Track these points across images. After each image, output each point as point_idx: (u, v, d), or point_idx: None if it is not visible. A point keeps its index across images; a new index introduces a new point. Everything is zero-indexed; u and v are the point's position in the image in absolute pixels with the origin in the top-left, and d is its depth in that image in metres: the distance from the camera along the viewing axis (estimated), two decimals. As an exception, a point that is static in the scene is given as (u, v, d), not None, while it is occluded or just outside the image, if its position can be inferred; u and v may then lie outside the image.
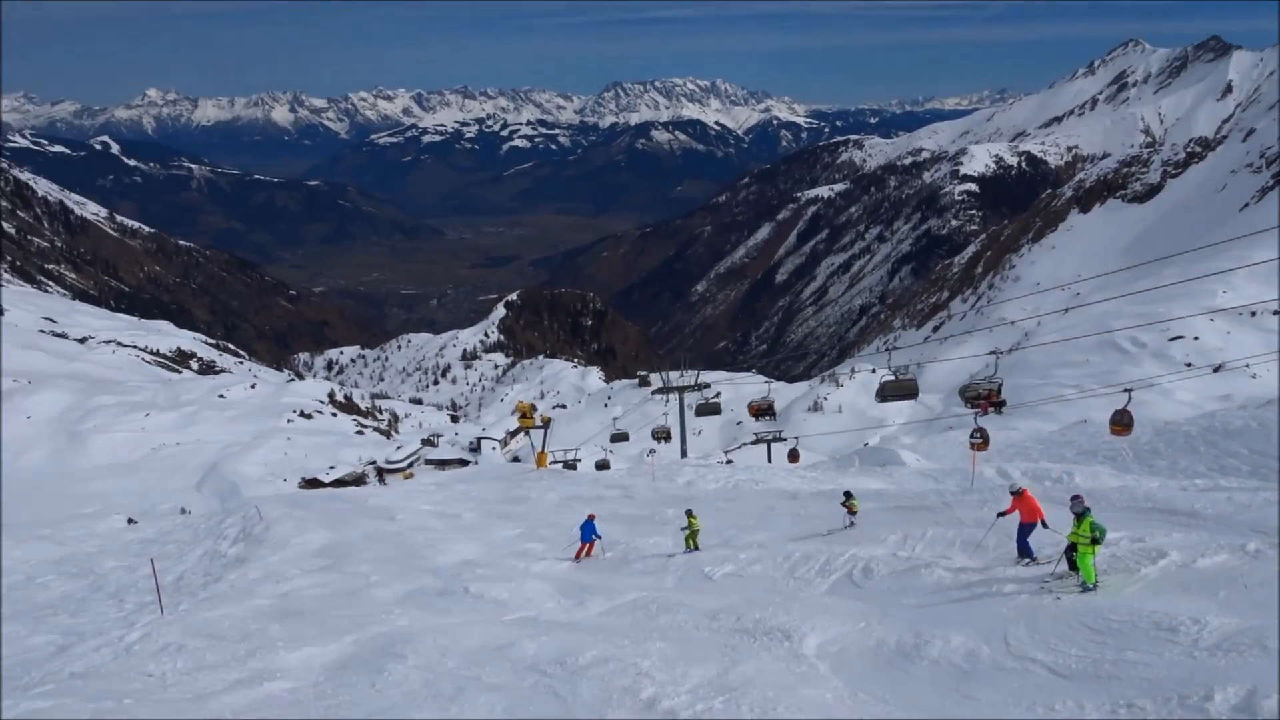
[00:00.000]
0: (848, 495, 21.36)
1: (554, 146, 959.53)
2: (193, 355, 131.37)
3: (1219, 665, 9.50)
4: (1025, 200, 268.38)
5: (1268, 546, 13.50)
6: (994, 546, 16.51)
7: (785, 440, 52.98)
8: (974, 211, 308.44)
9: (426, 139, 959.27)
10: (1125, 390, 26.41)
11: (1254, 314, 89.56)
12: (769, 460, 51.99)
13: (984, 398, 32.20)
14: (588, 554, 22.06)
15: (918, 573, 15.63)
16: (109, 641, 15.47)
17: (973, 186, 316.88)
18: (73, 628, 17.94)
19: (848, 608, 14.38)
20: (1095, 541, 12.75)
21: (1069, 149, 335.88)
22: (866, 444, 70.42)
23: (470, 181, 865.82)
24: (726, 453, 73.40)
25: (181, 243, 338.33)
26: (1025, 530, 15.23)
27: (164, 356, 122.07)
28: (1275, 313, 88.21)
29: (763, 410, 43.93)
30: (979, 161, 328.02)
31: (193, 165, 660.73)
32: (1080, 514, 12.90)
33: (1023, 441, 39.83)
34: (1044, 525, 14.96)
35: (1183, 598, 11.87)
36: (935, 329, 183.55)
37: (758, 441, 64.27)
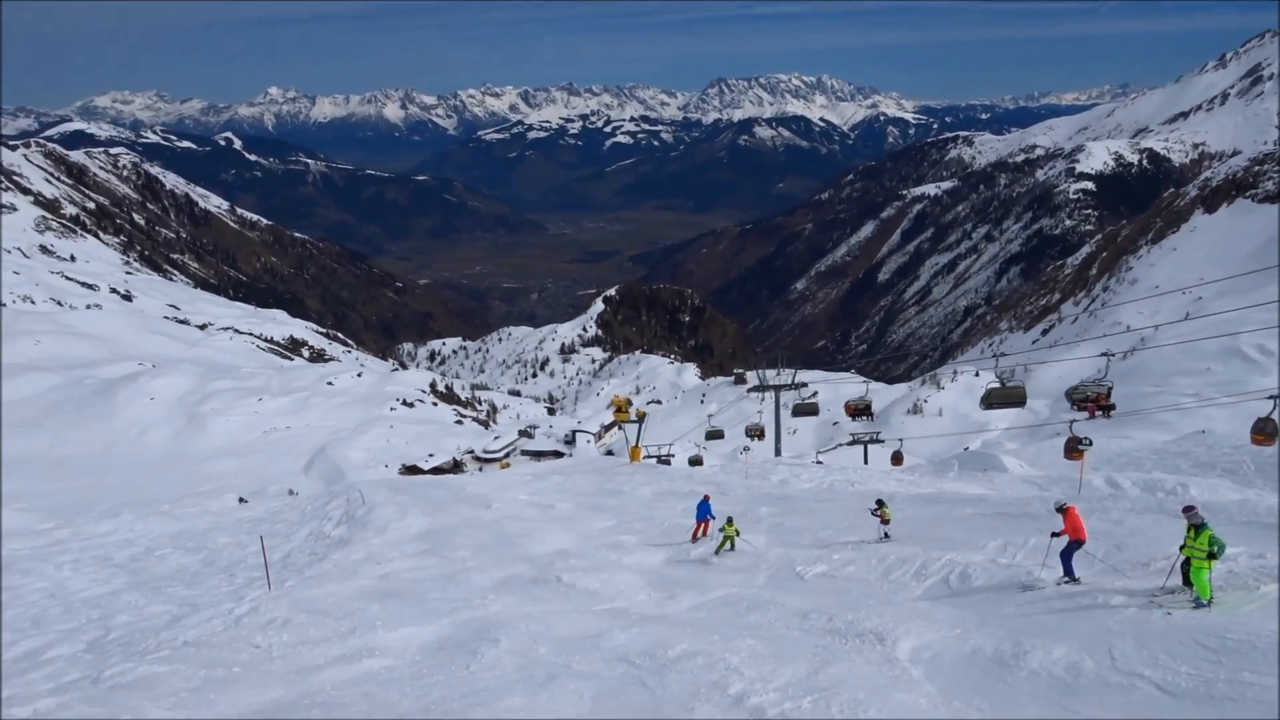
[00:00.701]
0: (879, 503, 20.66)
1: (656, 143, 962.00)
2: (304, 343, 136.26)
3: (1344, 691, 8.97)
4: (1146, 200, 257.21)
5: (1403, 569, 12.68)
6: (1101, 556, 15.92)
7: (882, 442, 52.09)
8: (1090, 211, 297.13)
9: (532, 135, 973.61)
10: (1271, 398, 25.11)
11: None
12: (865, 462, 51.12)
13: (1092, 400, 30.99)
14: (704, 533, 22.33)
15: (1018, 581, 15.18)
16: (220, 613, 16.18)
17: (1089, 185, 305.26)
18: (187, 599, 18.81)
19: (944, 614, 14.06)
20: (1212, 556, 12.16)
21: (1195, 146, 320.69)
22: (967, 448, 68.66)
23: (573, 177, 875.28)
24: (819, 453, 72.41)
25: (296, 235, 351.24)
26: (1072, 548, 14.80)
27: (277, 344, 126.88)
28: None
29: (860, 410, 43.19)
30: (1097, 159, 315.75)
31: (309, 160, 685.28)
32: (1199, 526, 12.32)
33: (1135, 451, 38.26)
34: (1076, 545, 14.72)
35: (1306, 619, 11.23)
36: (1044, 332, 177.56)
37: (854, 443, 63.28)
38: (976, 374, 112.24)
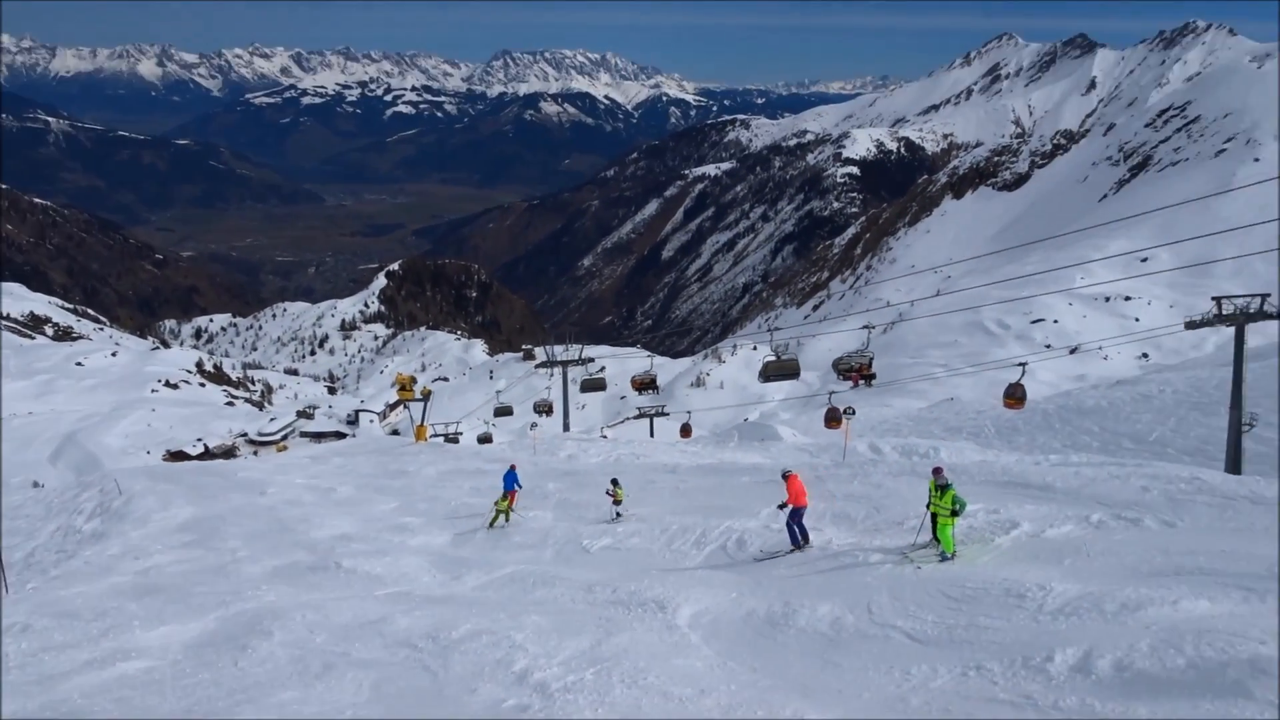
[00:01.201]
0: (613, 483, 21.22)
1: (440, 114, 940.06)
2: (47, 320, 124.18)
3: (1060, 629, 10.10)
4: (904, 185, 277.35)
5: (1110, 518, 14.44)
6: (862, 518, 17.11)
7: (668, 415, 53.60)
8: (855, 194, 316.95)
9: (306, 100, 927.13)
10: (1020, 364, 27.73)
11: (1108, 299, 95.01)
12: (651, 435, 52.47)
13: (855, 370, 33.26)
14: (511, 504, 22.18)
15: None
16: (-53, 622, 14.54)
17: (854, 169, 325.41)
18: (-93, 609, 16.80)
19: (721, 579, 14.68)
20: (955, 513, 13.34)
21: (945, 136, 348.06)
22: (746, 419, 71.88)
23: (352, 147, 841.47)
24: (604, 429, 73.72)
25: (37, 200, 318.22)
26: (796, 515, 15.57)
27: (15, 321, 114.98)
28: (1126, 298, 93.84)
29: (646, 385, 44.29)
30: (860, 145, 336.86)
31: (50, 118, 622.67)
32: (944, 486, 13.46)
33: (895, 418, 41.31)
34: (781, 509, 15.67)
35: (1032, 566, 12.57)
36: (815, 308, 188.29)
37: (640, 416, 64.80)
38: (754, 348, 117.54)
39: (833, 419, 33.48)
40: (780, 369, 34.11)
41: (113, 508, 26.65)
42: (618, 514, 20.64)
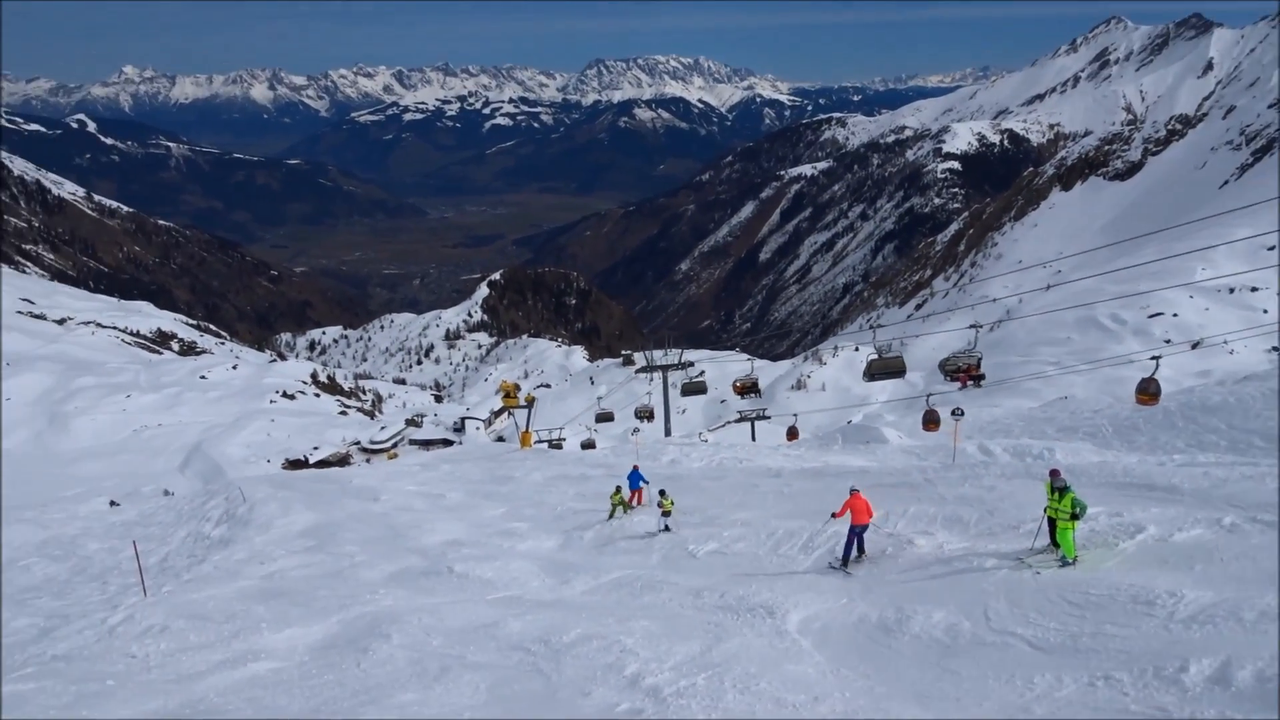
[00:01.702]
0: (661, 493, 20.97)
1: (536, 125, 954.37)
2: (173, 336, 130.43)
3: (1194, 637, 9.66)
4: (1008, 178, 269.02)
5: (1244, 520, 13.69)
6: (975, 522, 16.68)
7: (769, 419, 53.21)
8: (957, 189, 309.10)
9: (408, 117, 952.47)
10: (1153, 358, 26.64)
11: (1232, 290, 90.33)
12: (753, 438, 52.15)
13: (963, 370, 32.37)
14: (638, 501, 23.29)
15: (900, 549, 15.78)
16: (92, 624, 15.43)
17: (955, 164, 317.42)
18: (56, 610, 17.88)
19: (830, 584, 14.51)
20: (1075, 517, 12.89)
21: (1051, 127, 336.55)
22: (850, 422, 70.75)
23: (452, 160, 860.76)
24: (705, 433, 73.59)
25: (161, 222, 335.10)
26: (851, 533, 15.40)
27: (144, 338, 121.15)
28: (1253, 289, 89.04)
29: (747, 388, 44.04)
30: (961, 139, 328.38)
31: (171, 144, 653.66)
32: (1062, 489, 13.02)
33: (1005, 419, 40.08)
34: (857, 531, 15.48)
35: (1160, 572, 12.05)
36: (918, 307, 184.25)
37: (741, 420, 64.46)
38: (856, 349, 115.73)
39: (931, 421, 32.62)
40: (885, 366, 33.44)
41: (238, 514, 27.84)
42: (666, 526, 20.42)
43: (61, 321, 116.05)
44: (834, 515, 15.67)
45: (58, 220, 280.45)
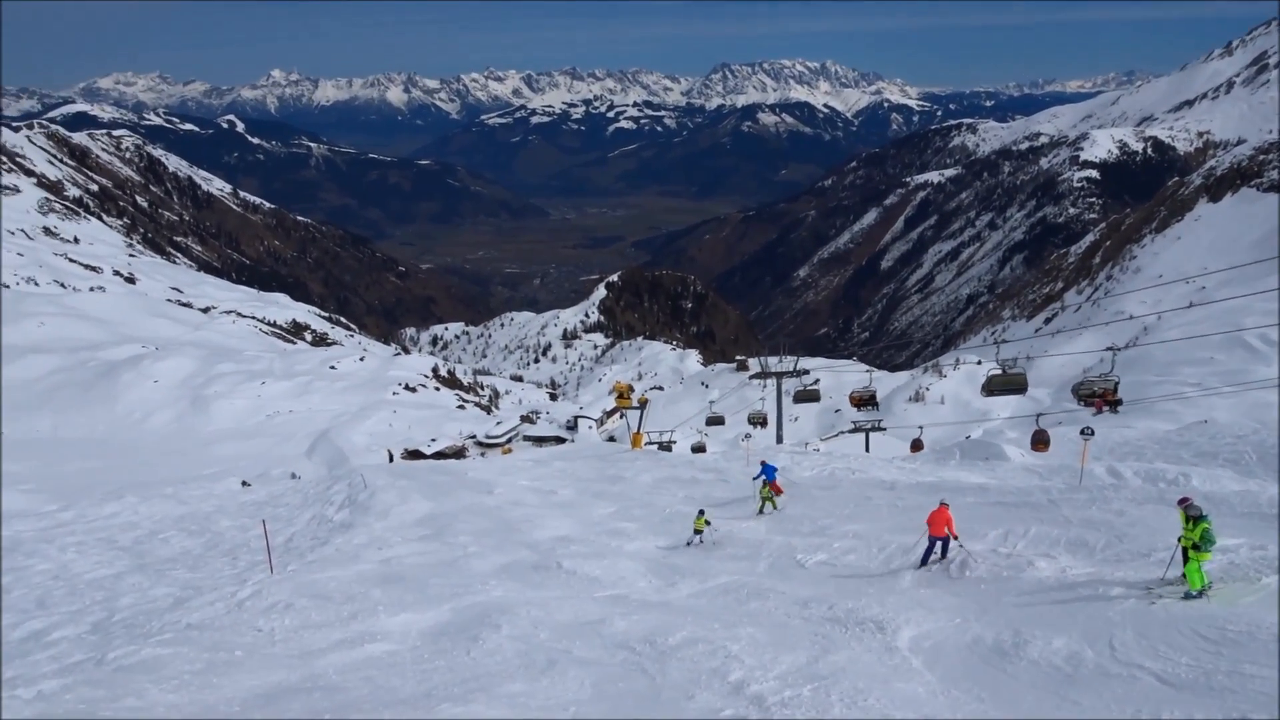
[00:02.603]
0: (700, 513, 20.92)
1: (659, 128, 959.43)
2: (306, 327, 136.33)
3: (1343, 683, 9.00)
4: (1150, 188, 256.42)
5: (1404, 561, 12.69)
6: (1101, 547, 15.94)
7: (884, 430, 52.09)
8: (1094, 199, 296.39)
9: (535, 120, 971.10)
10: None
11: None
12: (867, 449, 51.14)
13: (1099, 395, 30.99)
14: (778, 492, 24.03)
15: (1019, 571, 15.21)
16: (223, 596, 16.25)
17: (1093, 173, 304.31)
18: (190, 582, 18.89)
19: (944, 603, 14.10)
20: (1196, 548, 12.20)
21: (1200, 135, 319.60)
22: (969, 437, 68.67)
23: (576, 162, 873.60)
24: (818, 442, 72.44)
25: (299, 218, 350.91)
26: (932, 541, 16.27)
27: (280, 328, 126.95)
28: None
29: (864, 400, 43.31)
30: (1101, 147, 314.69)
31: (311, 144, 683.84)
32: (1196, 518, 12.32)
33: (1138, 440, 38.19)
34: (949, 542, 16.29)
35: (1306, 610, 11.26)
36: (1047, 321, 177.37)
37: (856, 430, 63.32)
38: (979, 362, 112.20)
39: (1040, 442, 31.40)
40: (1006, 383, 32.36)
41: (359, 500, 28.88)
42: (700, 539, 20.43)
43: (206, 310, 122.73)
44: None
45: (206, 215, 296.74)
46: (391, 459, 60.56)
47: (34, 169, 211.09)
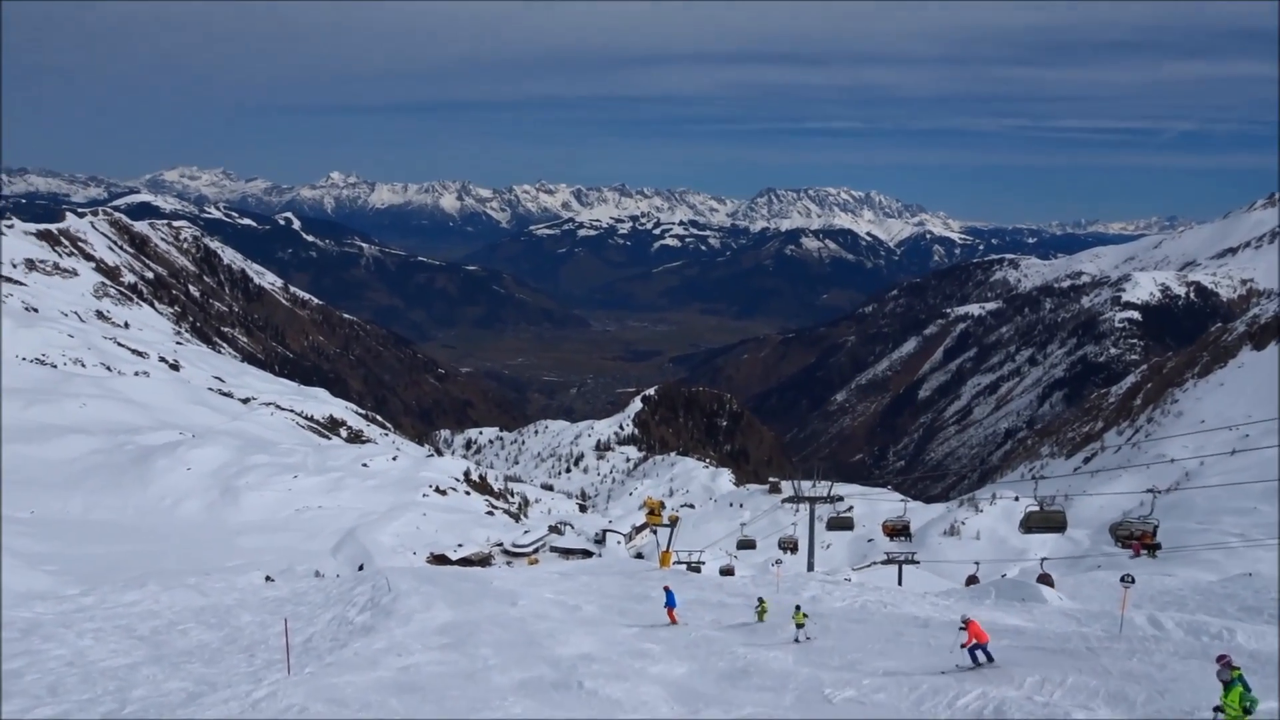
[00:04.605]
0: (797, 608, 22.39)
1: (704, 247, 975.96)
2: (343, 423, 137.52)
3: None
4: (1192, 332, 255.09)
5: None
6: (1142, 702, 15.32)
7: (918, 563, 51.03)
8: (1135, 340, 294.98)
9: (582, 233, 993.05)
10: None
11: None
12: (900, 582, 49.99)
13: (1137, 538, 30.30)
14: (672, 620, 25.24)
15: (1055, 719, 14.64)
16: (237, 695, 16.06)
17: (1135, 314, 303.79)
18: (205, 677, 18.70)
19: (976, 752, 13.56)
20: (1247, 711, 11.70)
21: (1243, 282, 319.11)
22: (1004, 575, 66.96)
23: (620, 276, 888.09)
24: (844, 570, 70.95)
25: (345, 315, 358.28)
26: (976, 648, 17.97)
27: (317, 422, 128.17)
28: None
29: (897, 531, 42.67)
30: (1144, 289, 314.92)
31: (364, 244, 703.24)
32: (1228, 683, 11.82)
33: (1179, 589, 37.04)
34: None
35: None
36: (1086, 460, 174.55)
37: (889, 561, 62.03)
38: (1016, 498, 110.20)
39: (1044, 583, 31.21)
40: (1045, 520, 31.80)
41: (382, 603, 28.61)
42: (806, 637, 21.55)
43: (246, 400, 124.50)
44: (963, 646, 18.19)
45: (255, 307, 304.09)
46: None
47: (94, 254, 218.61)
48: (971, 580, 42.36)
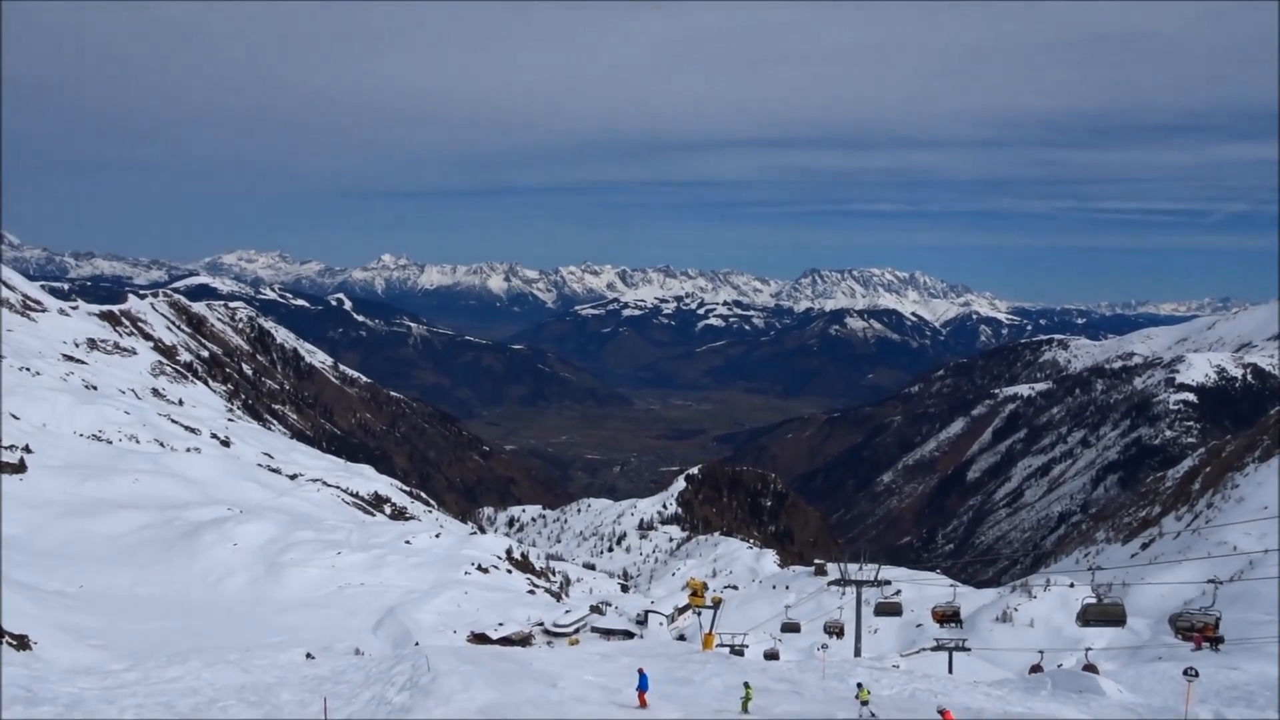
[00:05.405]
0: (859, 685, 22.00)
1: (748, 327, 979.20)
2: (387, 500, 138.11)
3: None
4: (1251, 415, 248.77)
5: None
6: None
7: (969, 650, 49.55)
8: (1191, 423, 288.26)
9: (626, 313, 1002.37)
10: None
11: None
12: (950, 670, 48.47)
13: (1198, 630, 29.17)
14: (642, 704, 24.56)
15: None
16: (275, 775, 15.90)
17: (1190, 396, 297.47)
18: (245, 756, 18.57)
19: None
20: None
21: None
22: (1060, 665, 64.72)
23: (664, 355, 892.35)
24: (892, 657, 69.02)
25: (393, 394, 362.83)
26: None
27: (362, 499, 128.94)
28: None
29: (947, 617, 41.54)
30: (1198, 370, 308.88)
31: (412, 324, 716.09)
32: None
33: (1247, 685, 35.45)
34: None
35: None
36: (1144, 546, 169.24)
37: (938, 648, 60.25)
38: (1071, 585, 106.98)
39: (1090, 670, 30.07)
40: (1102, 614, 30.74)
41: (420, 683, 28.30)
42: (871, 714, 21.01)
43: (293, 477, 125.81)
44: None
45: (305, 385, 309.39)
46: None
47: (152, 333, 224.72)
48: (1036, 669, 41.02)
